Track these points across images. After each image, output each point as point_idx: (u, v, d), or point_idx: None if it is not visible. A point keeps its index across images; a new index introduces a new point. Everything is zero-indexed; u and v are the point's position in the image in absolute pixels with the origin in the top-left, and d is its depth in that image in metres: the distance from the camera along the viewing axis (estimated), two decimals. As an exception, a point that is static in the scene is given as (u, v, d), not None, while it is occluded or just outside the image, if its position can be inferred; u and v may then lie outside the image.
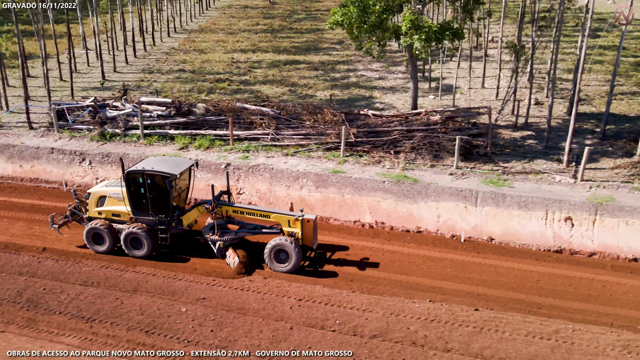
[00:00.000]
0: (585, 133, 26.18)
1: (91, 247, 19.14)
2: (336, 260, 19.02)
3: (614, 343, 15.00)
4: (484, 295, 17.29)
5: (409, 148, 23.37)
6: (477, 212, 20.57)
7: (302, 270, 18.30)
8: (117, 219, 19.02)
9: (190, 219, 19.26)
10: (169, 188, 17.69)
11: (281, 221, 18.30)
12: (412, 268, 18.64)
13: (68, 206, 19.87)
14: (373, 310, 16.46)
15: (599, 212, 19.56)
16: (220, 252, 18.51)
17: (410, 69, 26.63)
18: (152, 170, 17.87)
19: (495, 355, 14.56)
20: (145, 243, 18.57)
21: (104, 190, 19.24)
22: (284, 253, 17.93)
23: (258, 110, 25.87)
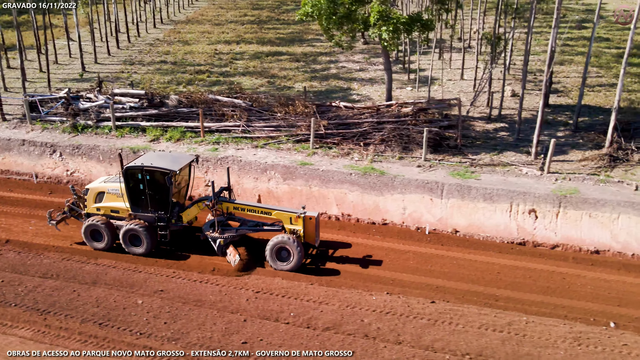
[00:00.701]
0: (559, 125, 26.11)
1: (89, 243, 18.86)
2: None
3: (565, 335, 15.02)
4: (442, 287, 17.30)
5: (379, 140, 23.31)
6: (443, 205, 20.55)
7: (304, 268, 18.06)
8: (115, 216, 18.69)
9: (190, 215, 18.93)
10: (168, 184, 17.40)
11: (283, 218, 17.98)
12: (374, 260, 18.57)
13: (66, 202, 19.52)
14: (329, 302, 16.47)
15: (562, 205, 19.54)
16: (221, 250, 18.26)
17: (384, 60, 26.49)
18: (151, 166, 17.55)
19: (446, 347, 14.58)
20: (144, 240, 18.24)
21: (103, 186, 18.95)
22: (286, 251, 17.63)
23: (230, 102, 25.79)
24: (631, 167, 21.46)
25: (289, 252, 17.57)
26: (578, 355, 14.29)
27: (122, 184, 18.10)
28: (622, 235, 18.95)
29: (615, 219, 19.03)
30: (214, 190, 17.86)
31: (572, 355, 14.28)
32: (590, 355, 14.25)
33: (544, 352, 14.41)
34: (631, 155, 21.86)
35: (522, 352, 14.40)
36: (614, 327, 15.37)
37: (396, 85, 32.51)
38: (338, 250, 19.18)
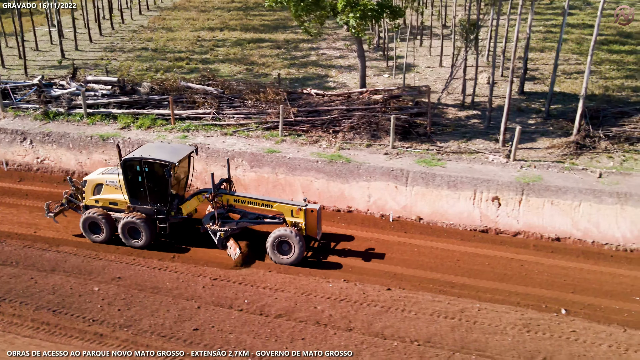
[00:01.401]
0: (532, 112, 26.05)
1: (88, 236, 18.67)
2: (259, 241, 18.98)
3: (515, 321, 15.11)
4: (400, 275, 17.37)
5: (348, 127, 23.29)
6: (407, 192, 20.58)
7: (306, 261, 17.87)
8: (114, 208, 18.45)
9: (190, 207, 18.70)
10: (167, 177, 17.16)
11: (284, 211, 17.69)
12: (336, 248, 18.62)
13: (64, 194, 19.26)
14: (285, 289, 16.54)
15: (525, 192, 19.57)
16: (221, 243, 18.00)
17: (357, 47, 26.39)
18: (150, 158, 17.25)
19: (395, 334, 14.67)
20: (143, 233, 18.05)
21: (101, 177, 18.72)
22: (287, 244, 17.36)
23: (202, 90, 25.74)
24: (597, 155, 21.45)
25: (290, 245, 17.30)
26: (525, 341, 14.37)
27: (120, 176, 17.83)
28: (582, 223, 18.99)
29: (577, 206, 19.07)
30: (213, 182, 17.47)
31: (519, 341, 14.35)
32: (538, 342, 14.33)
33: (492, 338, 14.49)
34: (598, 143, 21.83)
35: (470, 338, 14.49)
36: (565, 314, 15.45)
37: (374, 72, 32.44)
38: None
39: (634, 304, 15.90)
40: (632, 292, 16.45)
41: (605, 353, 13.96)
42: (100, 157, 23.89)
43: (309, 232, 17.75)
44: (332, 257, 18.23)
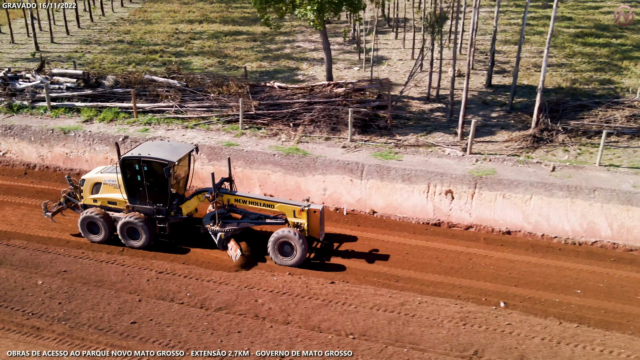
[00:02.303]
0: (496, 105, 26.02)
1: (86, 236, 18.30)
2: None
3: (453, 315, 15.17)
4: (347, 268, 17.38)
5: (308, 120, 23.28)
6: (362, 185, 20.60)
7: (308, 262, 17.47)
8: (113, 207, 18.06)
9: (190, 207, 18.21)
10: (166, 176, 16.72)
11: (286, 211, 17.25)
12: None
13: (62, 192, 18.84)
14: (229, 283, 16.60)
15: (478, 186, 19.59)
16: (222, 244, 17.55)
17: (322, 40, 26.33)
18: (149, 157, 16.83)
19: (332, 328, 14.74)
20: (142, 233, 17.66)
21: (99, 176, 18.30)
22: (289, 246, 16.92)
23: (165, 83, 25.71)
24: (553, 148, 21.45)
25: (292, 246, 16.87)
26: (460, 334, 14.43)
27: (119, 175, 17.39)
28: (533, 216, 19.01)
29: (528, 199, 19.09)
30: (214, 182, 17.00)
31: (454, 334, 14.42)
32: (472, 335, 14.39)
33: (428, 331, 14.56)
34: (556, 136, 21.83)
35: (405, 331, 14.56)
36: (503, 307, 15.51)
37: (345, 65, 32.41)
38: (250, 230, 19.14)
39: (573, 297, 15.96)
40: (574, 285, 16.51)
41: (537, 346, 14.01)
42: (61, 150, 23.91)
43: (311, 233, 17.29)
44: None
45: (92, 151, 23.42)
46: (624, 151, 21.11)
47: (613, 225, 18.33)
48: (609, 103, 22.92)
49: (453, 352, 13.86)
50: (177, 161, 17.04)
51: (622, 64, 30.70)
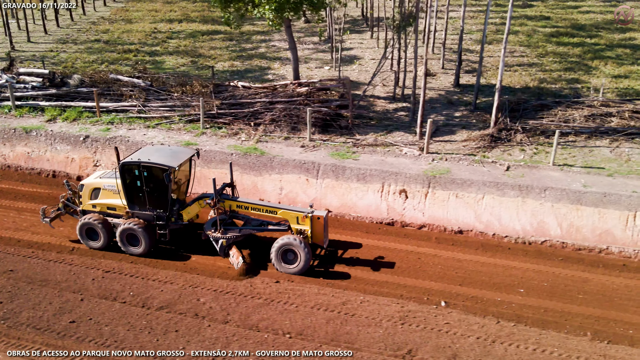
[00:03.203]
0: (461, 105, 26.03)
1: (85, 242, 18.01)
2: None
3: (393, 314, 15.19)
4: (295, 267, 17.36)
5: (269, 120, 23.31)
6: (318, 185, 20.64)
7: (312, 270, 17.14)
8: (112, 213, 17.73)
9: (191, 213, 17.85)
10: (167, 181, 16.41)
11: (289, 218, 16.89)
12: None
13: (61, 198, 18.54)
14: (175, 282, 16.62)
15: (432, 185, 19.61)
16: (223, 251, 17.17)
17: (288, 39, 26.34)
18: (149, 162, 16.51)
19: (270, 327, 14.76)
20: (142, 240, 17.33)
21: (98, 182, 17.93)
22: (292, 253, 16.57)
23: (130, 82, 25.73)
24: (510, 148, 21.48)
25: (295, 254, 16.52)
26: (397, 333, 14.46)
27: (118, 180, 17.07)
28: (485, 216, 19.05)
29: (480, 199, 19.11)
30: (215, 187, 16.67)
31: (390, 333, 14.45)
32: (408, 334, 14.43)
33: (365, 330, 14.58)
34: (514, 136, 21.86)
35: (342, 331, 14.58)
36: (444, 306, 15.54)
37: (316, 64, 32.40)
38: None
39: (516, 296, 15.98)
40: (518, 284, 16.54)
41: (471, 345, 14.04)
42: (23, 150, 23.94)
43: (315, 240, 16.95)
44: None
45: (53, 150, 23.46)
46: (580, 151, 21.14)
47: (563, 224, 18.36)
48: (569, 103, 22.95)
49: (387, 351, 13.88)
50: (178, 166, 16.68)
51: (592, 64, 30.72)
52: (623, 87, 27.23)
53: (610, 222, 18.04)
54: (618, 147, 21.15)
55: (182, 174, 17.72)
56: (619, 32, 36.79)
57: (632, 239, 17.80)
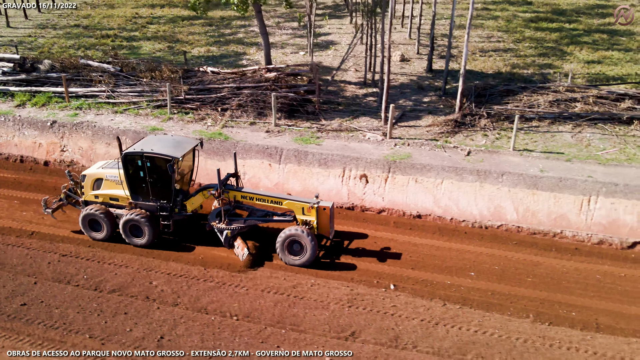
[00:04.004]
0: (431, 90, 26.06)
1: (87, 233, 17.81)
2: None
3: (342, 297, 15.36)
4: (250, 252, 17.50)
5: (236, 105, 23.36)
6: (280, 170, 20.74)
7: (318, 262, 16.93)
8: (115, 204, 17.54)
9: (194, 204, 17.69)
10: (170, 172, 16.19)
11: (294, 208, 16.69)
12: (192, 227, 18.70)
13: (63, 188, 18.29)
14: (130, 266, 16.79)
15: (392, 170, 19.72)
16: (228, 242, 17.00)
17: (259, 24, 26.31)
18: (152, 153, 16.28)
19: (218, 309, 14.95)
20: (145, 231, 17.12)
21: (101, 172, 17.72)
22: (298, 244, 16.35)
23: (100, 67, 25.72)
24: (473, 133, 21.55)
25: (301, 245, 16.30)
26: (342, 316, 14.64)
27: (121, 170, 16.89)
28: (444, 200, 19.17)
29: (439, 184, 19.23)
30: (219, 178, 16.53)
31: (336, 316, 14.63)
32: (353, 317, 14.61)
33: (311, 313, 14.77)
34: (478, 121, 21.91)
35: (289, 313, 14.76)
36: (393, 289, 15.69)
37: (292, 49, 32.36)
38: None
39: (466, 280, 16.16)
40: (470, 267, 16.70)
41: (414, 327, 14.24)
42: (-9, 135, 23.98)
43: (321, 231, 16.75)
44: (187, 236, 18.37)
45: (21, 136, 23.55)
46: (542, 136, 21.22)
47: (519, 209, 18.50)
48: (534, 88, 22.98)
49: (331, 333, 14.07)
50: (181, 157, 16.43)
51: (568, 49, 30.70)
52: (595, 72, 27.23)
53: (565, 207, 18.16)
54: (580, 133, 21.23)
55: (185, 165, 17.42)
56: (599, 17, 36.74)
57: (585, 224, 17.93)
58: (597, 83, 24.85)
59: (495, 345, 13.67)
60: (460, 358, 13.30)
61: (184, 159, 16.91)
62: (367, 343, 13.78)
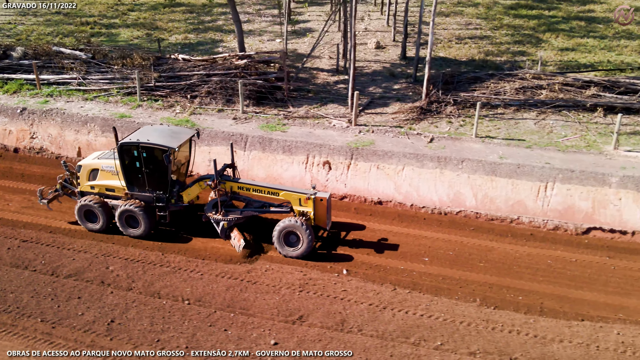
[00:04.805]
0: (403, 77, 26.14)
1: (83, 224, 17.68)
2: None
3: (294, 282, 15.59)
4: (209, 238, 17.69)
5: (205, 92, 23.45)
6: (245, 157, 20.89)
7: (314, 253, 16.82)
8: (111, 195, 17.38)
9: (191, 195, 17.50)
10: (166, 163, 16.05)
11: (291, 199, 16.55)
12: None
13: (58, 178, 18.11)
14: (89, 251, 16.99)
15: (354, 157, 19.87)
16: (225, 233, 16.85)
17: (232, 12, 26.33)
18: (148, 143, 16.11)
19: (171, 294, 15.19)
20: (142, 222, 17.00)
21: (96, 162, 17.52)
22: (295, 236, 16.21)
23: (72, 55, 25.79)
24: (439, 120, 21.68)
25: (298, 236, 16.18)
26: (292, 300, 14.86)
27: (117, 161, 16.74)
28: (404, 187, 19.34)
29: (400, 170, 19.40)
30: (216, 168, 16.40)
31: (285, 300, 14.84)
32: (303, 301, 14.83)
33: (262, 297, 14.98)
34: (444, 108, 22.02)
35: (240, 297, 14.97)
36: (345, 274, 15.89)
37: (269, 37, 32.37)
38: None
39: (419, 265, 16.36)
40: (425, 253, 16.90)
41: (362, 311, 14.45)
42: (-38, 122, 24.10)
43: (317, 222, 16.66)
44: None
45: (-9, 123, 23.64)
46: (506, 123, 21.36)
47: (478, 195, 18.67)
48: (502, 75, 23.06)
49: (279, 317, 14.29)
50: (178, 147, 16.23)
51: (544, 37, 30.72)
52: (567, 60, 27.29)
53: (522, 193, 18.33)
54: (543, 120, 21.35)
55: (182, 155, 17.33)
56: (579, 4, 36.70)
57: (542, 209, 18.11)
58: (566, 70, 24.94)
59: (438, 328, 13.89)
60: (404, 341, 13.51)
61: (180, 150, 16.70)
62: (313, 326, 13.99)
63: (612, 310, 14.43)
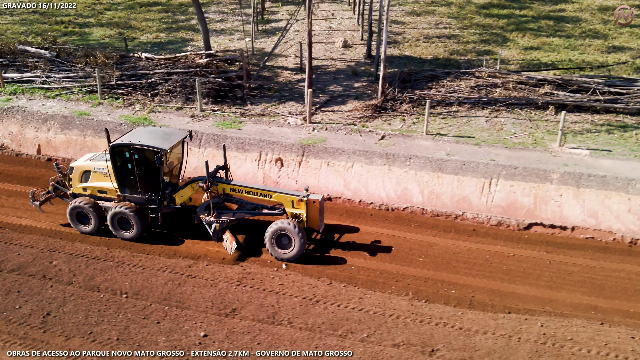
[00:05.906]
0: (365, 76, 26.38)
1: (75, 226, 17.62)
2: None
3: (233, 276, 15.86)
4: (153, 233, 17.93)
5: (165, 90, 23.69)
6: (200, 154, 21.12)
7: (307, 255, 16.74)
8: (103, 196, 17.30)
9: (183, 197, 17.40)
10: (158, 164, 15.98)
11: (284, 201, 16.49)
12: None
13: (50, 180, 18.16)
14: (35, 246, 17.28)
15: (306, 154, 20.11)
16: (217, 235, 16.76)
17: (196, 11, 26.58)
18: (140, 144, 15.99)
19: (110, 287, 15.44)
20: (134, 224, 16.91)
21: (88, 164, 17.47)
22: (287, 238, 16.07)
23: (37, 53, 26.02)
24: (393, 117, 21.93)
25: (290, 239, 16.03)
26: (228, 293, 15.14)
27: (108, 163, 16.67)
28: (353, 183, 19.58)
29: (350, 167, 19.63)
30: (208, 170, 16.29)
31: (221, 294, 15.13)
32: (239, 294, 15.11)
33: (198, 291, 15.25)
34: (399, 106, 22.26)
35: (177, 291, 15.24)
36: (284, 269, 16.17)
37: (239, 36, 32.59)
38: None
39: (359, 260, 16.60)
40: (366, 248, 17.11)
41: (294, 305, 14.70)
42: None
43: (310, 225, 16.54)
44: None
45: (-47, 121, 23.86)
46: (459, 120, 21.59)
47: (424, 191, 18.91)
48: (457, 74, 23.30)
49: (212, 310, 14.54)
50: (170, 148, 16.15)
51: (510, 36, 30.96)
52: (530, 58, 27.54)
53: (467, 190, 18.58)
54: (495, 117, 21.59)
55: (174, 157, 17.19)
56: (551, 4, 36.96)
57: (486, 206, 18.36)
58: (526, 69, 25.17)
59: (367, 321, 14.13)
60: (331, 333, 13.75)
61: (173, 151, 16.62)
62: (245, 319, 14.23)
63: (540, 303, 14.66)
